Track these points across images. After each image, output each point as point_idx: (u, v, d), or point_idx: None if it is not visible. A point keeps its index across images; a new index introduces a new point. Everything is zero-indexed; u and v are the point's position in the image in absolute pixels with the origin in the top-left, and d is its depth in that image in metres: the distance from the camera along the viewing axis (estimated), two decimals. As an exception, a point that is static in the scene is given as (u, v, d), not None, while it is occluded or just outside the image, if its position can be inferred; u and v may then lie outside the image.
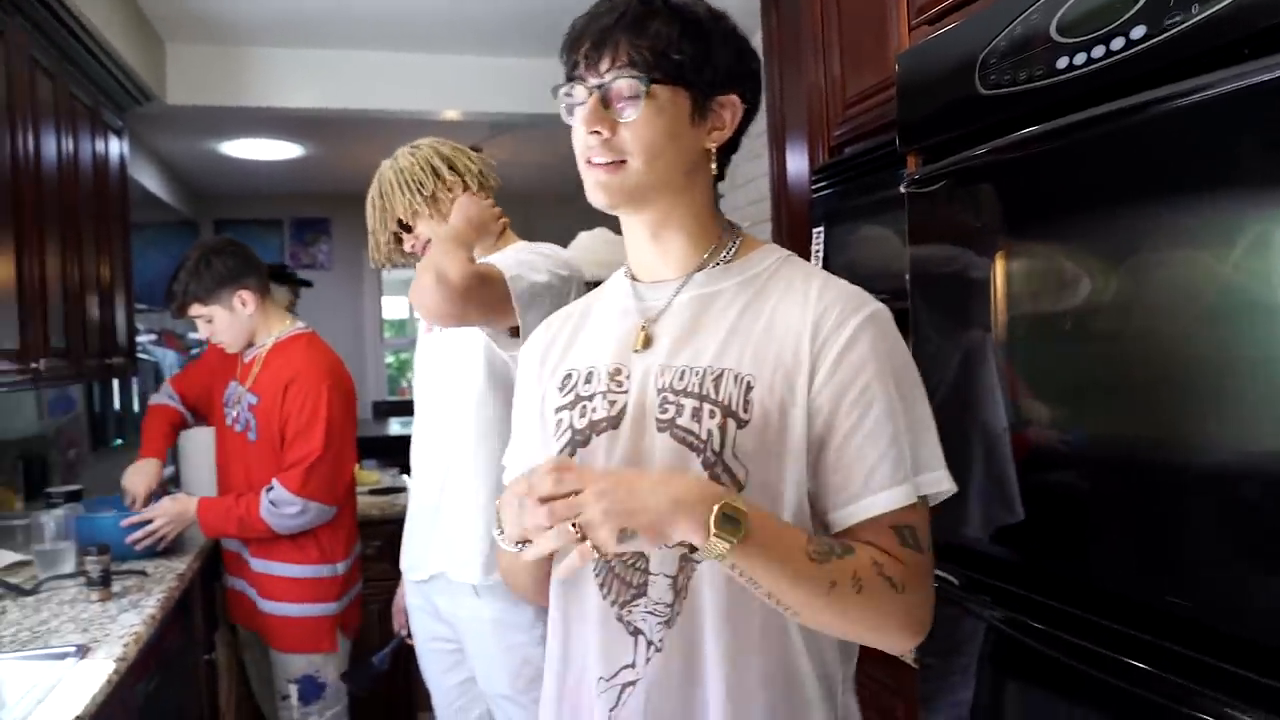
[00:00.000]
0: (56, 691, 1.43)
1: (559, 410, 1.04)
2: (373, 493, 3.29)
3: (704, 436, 0.93)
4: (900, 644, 0.93)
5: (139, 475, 2.42)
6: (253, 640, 2.43)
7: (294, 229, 6.38)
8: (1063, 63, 1.15)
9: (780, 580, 0.85)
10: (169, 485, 2.69)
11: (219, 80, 3.58)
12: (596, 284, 2.53)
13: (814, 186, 2.33)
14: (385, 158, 2.02)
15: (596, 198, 0.98)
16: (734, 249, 1.03)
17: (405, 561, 1.90)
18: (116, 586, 1.98)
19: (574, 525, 0.81)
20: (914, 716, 1.54)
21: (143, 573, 2.14)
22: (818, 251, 2.28)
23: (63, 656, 1.58)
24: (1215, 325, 0.99)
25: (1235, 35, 0.94)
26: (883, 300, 2.00)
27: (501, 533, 0.91)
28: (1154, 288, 1.07)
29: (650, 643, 0.94)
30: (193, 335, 5.23)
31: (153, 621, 1.82)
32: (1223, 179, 0.98)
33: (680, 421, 0.94)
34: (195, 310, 2.30)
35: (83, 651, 1.60)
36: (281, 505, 2.14)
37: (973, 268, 1.35)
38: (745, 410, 0.93)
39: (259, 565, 2.25)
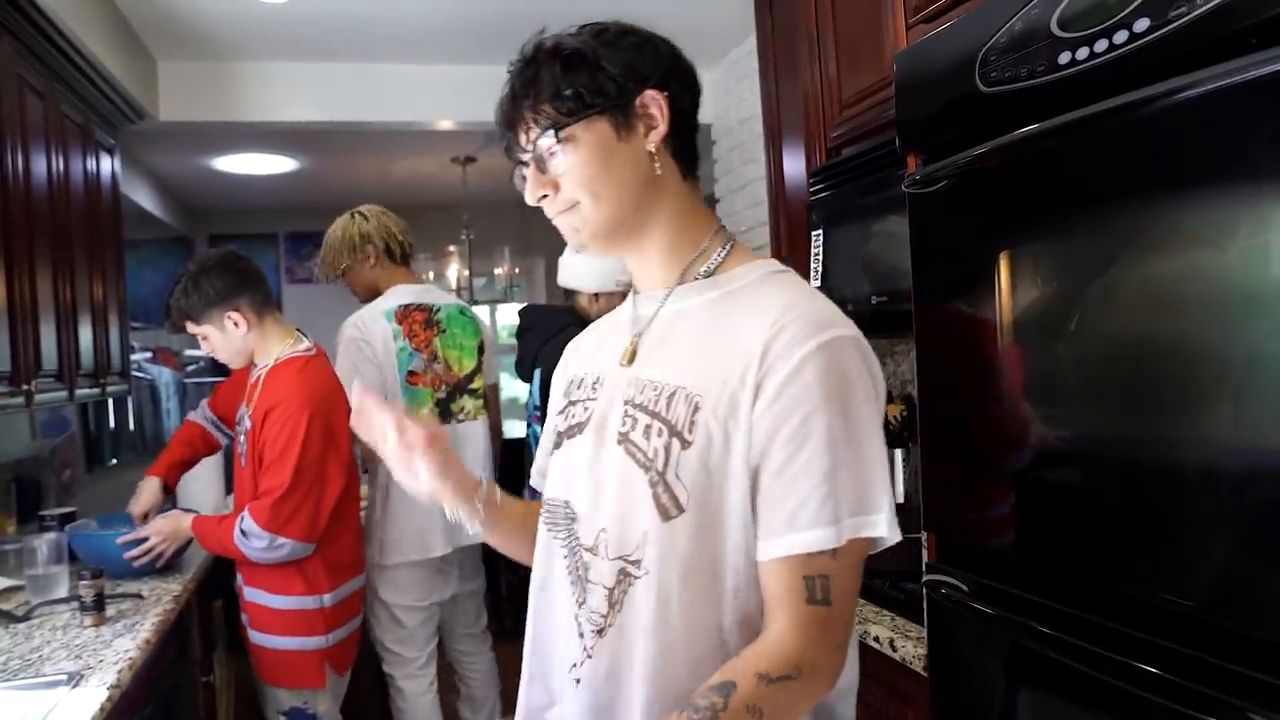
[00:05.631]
0: (49, 720, 1.40)
1: (558, 414, 1.10)
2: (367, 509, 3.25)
3: (651, 455, 0.94)
4: (819, 701, 0.93)
5: (137, 498, 2.44)
6: None
7: (289, 243, 6.36)
8: (1064, 58, 1.12)
9: None
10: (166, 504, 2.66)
11: (211, 96, 3.56)
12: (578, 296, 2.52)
13: (812, 189, 2.30)
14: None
15: (572, 243, 1.02)
16: (720, 259, 1.01)
17: None
18: (111, 610, 1.95)
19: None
20: (925, 726, 1.52)
21: (138, 595, 2.11)
22: (817, 254, 2.26)
23: (54, 685, 1.55)
24: (1225, 322, 0.97)
25: (1241, 25, 0.92)
26: (883, 302, 2.00)
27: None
28: (1162, 284, 1.05)
29: (585, 647, 0.98)
30: (189, 352, 5.21)
31: (148, 646, 1.79)
32: (1230, 173, 0.96)
33: (633, 437, 0.97)
34: (190, 328, 2.25)
35: (75, 679, 1.57)
36: (250, 537, 2.07)
37: (977, 267, 1.33)
38: (690, 431, 0.92)
39: (249, 593, 2.21)
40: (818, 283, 2.26)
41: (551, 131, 0.95)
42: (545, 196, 0.99)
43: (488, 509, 1.10)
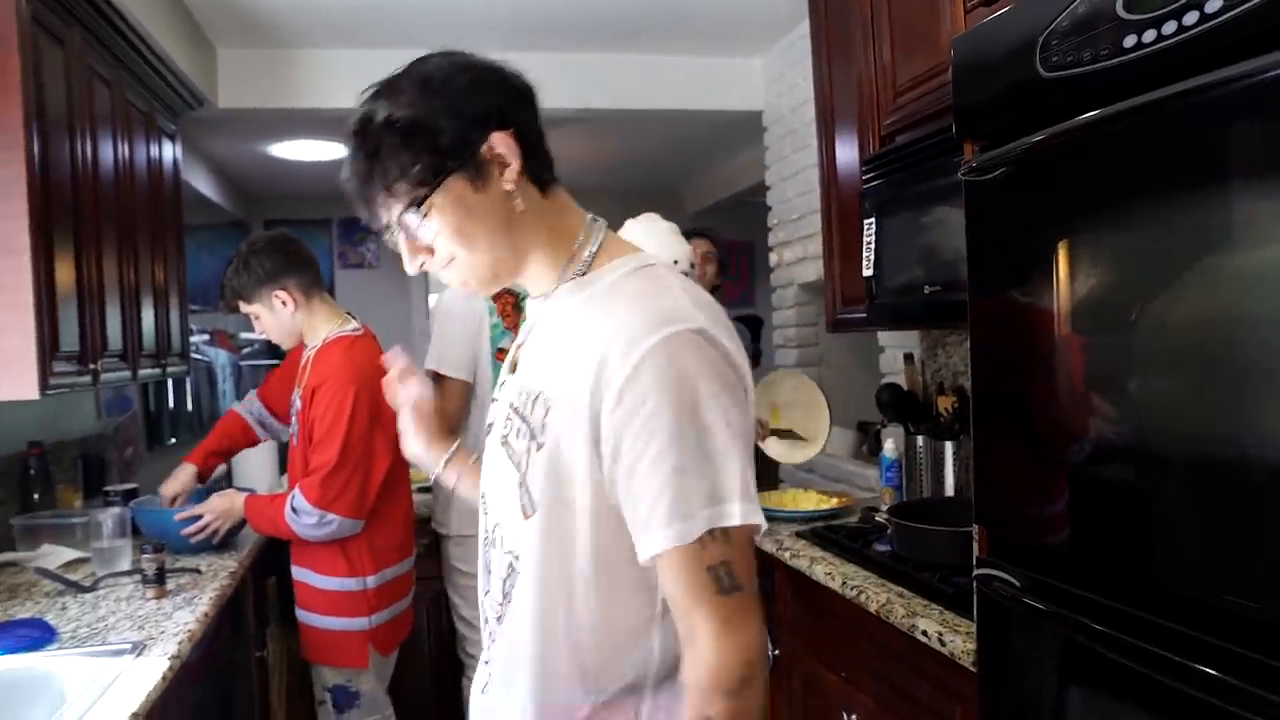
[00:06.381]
0: (115, 687, 1.45)
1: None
2: (420, 490, 3.30)
3: (518, 457, 0.99)
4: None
5: (170, 480, 2.53)
6: None
7: (342, 228, 6.45)
8: (1130, 41, 1.09)
9: None
10: (222, 483, 2.74)
11: (268, 83, 3.62)
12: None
13: (864, 176, 2.28)
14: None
15: (464, 293, 1.11)
16: (592, 256, 1.02)
17: None
18: (171, 584, 2.01)
19: None
20: (973, 721, 1.50)
21: (196, 570, 2.17)
22: (869, 242, 2.23)
23: (120, 653, 1.60)
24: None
25: (1322, 5, 0.89)
26: (936, 291, 1.97)
27: None
28: (1228, 276, 1.01)
29: (490, 633, 1.06)
30: (244, 335, 5.32)
31: (206, 619, 1.84)
32: (1306, 160, 0.93)
33: (510, 439, 1.02)
34: (242, 308, 2.31)
35: (139, 649, 1.62)
36: (301, 514, 2.12)
37: (1035, 257, 1.30)
38: (542, 433, 0.96)
39: (295, 572, 2.26)
40: (870, 271, 2.23)
41: (413, 208, 0.96)
42: (424, 261, 1.01)
43: (458, 457, 1.27)
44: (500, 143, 0.97)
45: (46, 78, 2.09)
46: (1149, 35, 1.07)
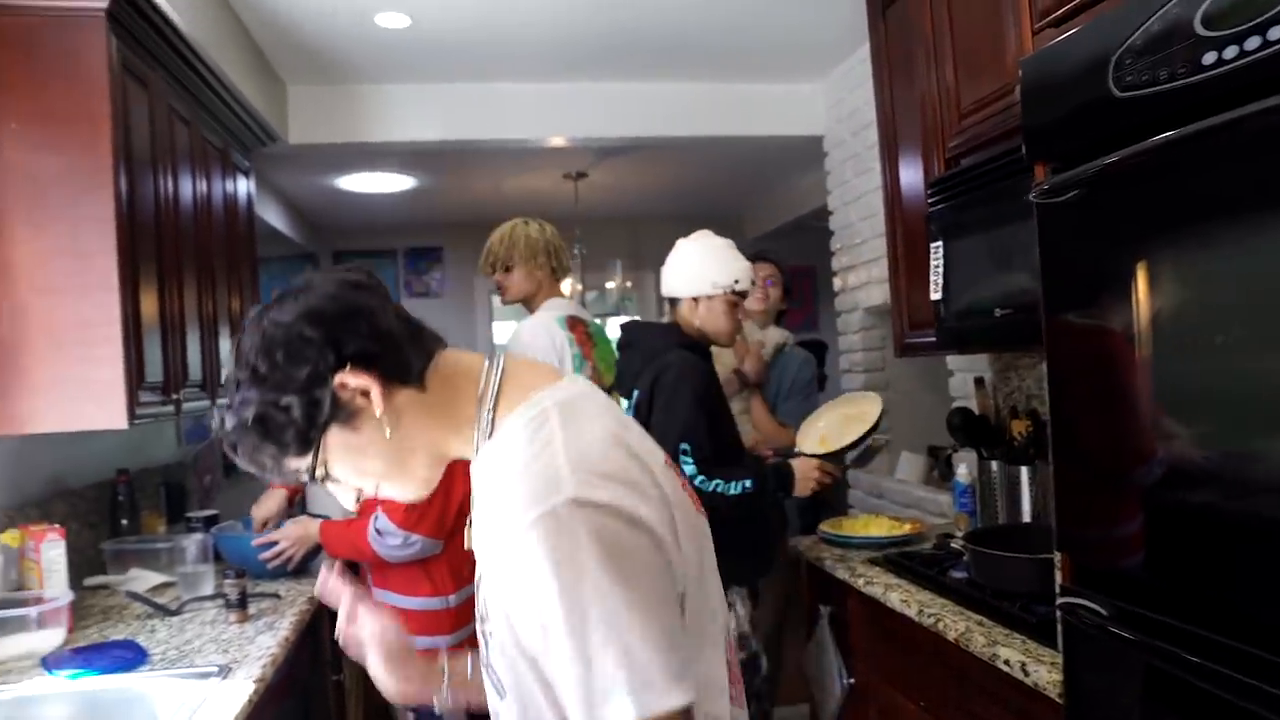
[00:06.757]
0: (203, 709, 1.49)
1: None
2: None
3: (485, 639, 0.96)
4: None
5: (261, 506, 2.59)
6: None
7: (408, 258, 6.59)
8: (1209, 58, 1.08)
9: None
10: (296, 511, 2.81)
11: (336, 118, 3.73)
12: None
13: (930, 200, 2.26)
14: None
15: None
16: (492, 414, 0.96)
17: None
18: (252, 609, 2.07)
19: None
20: (1056, 754, 1.46)
21: (276, 595, 2.22)
22: (937, 266, 2.21)
23: (207, 676, 1.65)
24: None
25: None
26: (1007, 314, 1.94)
27: None
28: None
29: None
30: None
31: (287, 644, 1.88)
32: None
33: (477, 617, 1.00)
34: None
35: (224, 671, 1.67)
36: (385, 535, 2.18)
37: (1111, 279, 1.28)
38: (491, 620, 0.93)
39: (378, 595, 2.29)
40: (938, 295, 2.21)
41: (308, 476, 0.96)
42: (359, 495, 1.01)
43: (455, 685, 1.17)
44: (349, 379, 0.92)
45: (133, 120, 2.18)
46: (1230, 51, 1.05)
